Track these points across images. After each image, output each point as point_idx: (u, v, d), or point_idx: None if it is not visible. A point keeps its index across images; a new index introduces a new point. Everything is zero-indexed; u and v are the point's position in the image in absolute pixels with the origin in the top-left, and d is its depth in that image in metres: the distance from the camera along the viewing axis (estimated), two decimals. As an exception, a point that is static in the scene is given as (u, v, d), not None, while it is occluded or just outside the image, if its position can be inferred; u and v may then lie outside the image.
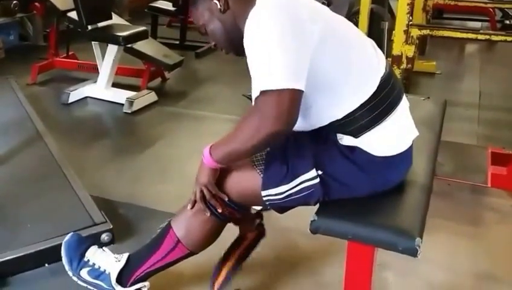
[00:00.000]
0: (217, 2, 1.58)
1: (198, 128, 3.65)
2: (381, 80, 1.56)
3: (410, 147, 1.67)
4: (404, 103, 1.67)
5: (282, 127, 1.41)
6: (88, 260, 1.83)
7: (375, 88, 1.55)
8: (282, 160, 1.60)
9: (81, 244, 1.87)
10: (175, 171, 2.97)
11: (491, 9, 6.25)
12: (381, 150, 1.58)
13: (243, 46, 1.53)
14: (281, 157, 1.60)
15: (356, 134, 1.56)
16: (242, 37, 1.52)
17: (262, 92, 1.40)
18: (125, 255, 1.82)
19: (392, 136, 1.60)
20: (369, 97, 1.54)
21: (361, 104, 1.53)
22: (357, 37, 1.65)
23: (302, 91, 1.41)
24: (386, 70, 1.60)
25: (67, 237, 1.88)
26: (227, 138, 1.57)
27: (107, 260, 1.82)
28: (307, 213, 1.60)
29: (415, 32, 3.78)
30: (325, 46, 1.47)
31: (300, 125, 1.51)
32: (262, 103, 1.41)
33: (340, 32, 1.57)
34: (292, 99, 1.40)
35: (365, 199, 1.62)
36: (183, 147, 3.34)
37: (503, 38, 3.94)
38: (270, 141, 1.47)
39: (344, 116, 1.54)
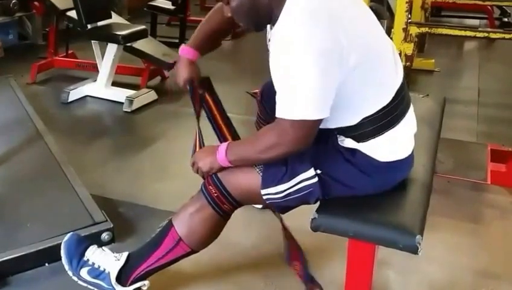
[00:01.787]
0: None
1: (198, 127, 3.64)
2: (396, 92, 1.58)
3: (412, 153, 1.68)
4: (411, 113, 1.67)
5: (298, 149, 1.51)
6: (88, 260, 1.82)
7: (389, 100, 1.56)
8: (281, 159, 1.60)
9: (81, 244, 1.87)
10: (175, 169, 2.97)
11: (489, 7, 6.24)
12: (382, 155, 1.59)
13: (265, 24, 1.60)
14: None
15: (359, 139, 1.57)
16: (271, 18, 1.54)
17: (289, 119, 1.45)
18: (125, 254, 1.82)
19: (395, 144, 1.62)
20: (382, 107, 1.55)
21: (370, 115, 1.55)
22: (384, 49, 1.61)
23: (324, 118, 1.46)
24: (401, 81, 1.61)
25: (67, 236, 1.88)
26: (245, 144, 1.65)
27: (107, 259, 1.82)
28: (308, 211, 1.60)
29: (414, 30, 3.78)
30: (356, 73, 1.47)
31: None
32: (285, 126, 1.47)
33: (372, 53, 1.53)
34: (313, 127, 1.48)
35: (365, 196, 1.63)
36: (183, 146, 3.30)
37: (501, 35, 3.94)
38: (283, 157, 1.56)
39: (350, 125, 1.56)
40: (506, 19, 6.44)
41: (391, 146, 1.60)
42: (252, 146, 1.60)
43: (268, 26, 1.65)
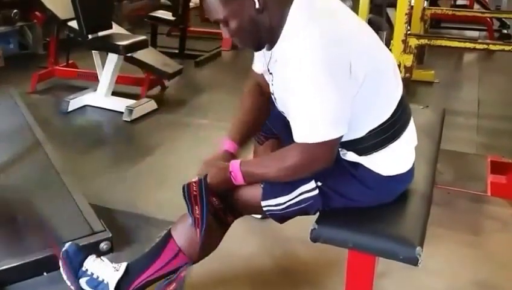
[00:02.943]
0: (256, 1, 1.47)
1: (197, 137, 3.64)
2: (396, 105, 1.58)
3: (413, 166, 1.68)
4: (411, 126, 1.68)
5: (325, 166, 1.50)
6: (86, 270, 1.81)
7: (392, 112, 1.56)
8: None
9: (80, 254, 1.86)
10: (174, 179, 2.94)
11: (488, 19, 6.27)
12: (384, 169, 1.60)
13: (265, 44, 1.58)
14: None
15: (361, 153, 1.57)
16: (271, 37, 1.53)
17: (311, 142, 1.45)
18: (124, 265, 1.81)
19: (397, 157, 1.63)
20: (384, 120, 1.56)
21: (375, 127, 1.55)
22: (386, 62, 1.61)
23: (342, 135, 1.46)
24: (401, 95, 1.62)
25: (65, 246, 1.86)
26: (263, 163, 1.62)
27: (106, 270, 1.80)
28: (307, 221, 1.60)
29: (413, 42, 3.79)
30: (363, 87, 1.48)
31: None
32: (309, 148, 1.46)
33: (376, 67, 1.53)
34: (333, 146, 1.48)
35: (365, 207, 1.63)
36: (183, 155, 3.34)
37: (501, 47, 3.95)
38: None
39: (356, 138, 1.56)
40: (505, 31, 6.47)
41: (393, 159, 1.61)
42: (268, 166, 1.59)
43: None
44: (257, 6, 1.47)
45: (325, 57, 1.40)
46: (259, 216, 2.30)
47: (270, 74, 1.62)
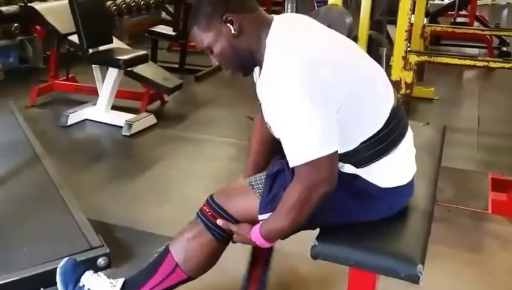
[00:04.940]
0: (231, 27, 1.52)
1: (197, 151, 3.64)
2: (388, 116, 1.57)
3: (412, 179, 1.67)
4: (409, 138, 1.67)
5: (329, 188, 1.46)
6: (83, 286, 1.79)
7: (382, 124, 1.55)
8: (279, 184, 1.59)
9: (77, 269, 1.84)
10: (173, 194, 2.95)
11: (488, 37, 6.30)
12: (382, 180, 1.58)
13: (251, 69, 1.62)
14: (279, 182, 1.60)
15: (358, 165, 1.56)
16: (253, 61, 1.57)
17: (302, 164, 1.43)
18: (121, 281, 1.79)
19: (395, 169, 1.61)
20: (376, 132, 1.54)
21: (367, 139, 1.54)
22: (371, 75, 1.61)
23: (337, 150, 1.45)
24: (394, 103, 1.61)
25: (63, 262, 1.85)
26: (274, 218, 1.55)
27: (103, 286, 1.78)
28: (308, 238, 1.58)
29: (413, 59, 3.81)
30: (346, 103, 1.47)
31: None
32: (305, 173, 1.44)
33: (359, 82, 1.53)
34: (331, 162, 1.45)
35: (366, 224, 1.61)
36: (182, 170, 3.33)
37: (501, 65, 3.97)
38: (320, 202, 1.48)
39: (349, 150, 1.55)
40: (505, 48, 6.49)
41: (391, 171, 1.60)
42: (288, 215, 1.50)
43: (257, 71, 1.65)
44: (233, 32, 1.52)
45: (301, 81, 1.40)
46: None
47: (260, 102, 1.63)
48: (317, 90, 1.41)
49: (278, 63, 1.45)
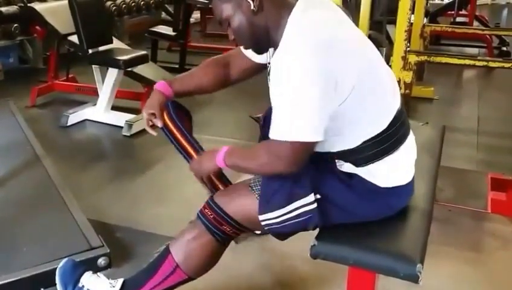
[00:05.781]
0: (251, 2, 1.51)
1: (197, 152, 3.63)
2: (393, 117, 1.57)
3: (412, 179, 1.67)
4: (410, 140, 1.67)
5: (290, 170, 1.51)
6: (83, 286, 1.79)
7: (387, 124, 1.56)
8: (279, 184, 1.59)
9: (76, 270, 1.84)
10: (174, 194, 2.95)
11: (488, 36, 6.30)
12: (382, 180, 1.58)
13: (266, 49, 1.63)
14: (279, 181, 1.60)
15: (358, 164, 1.56)
16: (269, 40, 1.57)
17: (283, 141, 1.46)
18: (120, 281, 1.79)
19: (395, 169, 1.61)
20: (379, 132, 1.55)
21: (370, 138, 1.54)
22: (381, 72, 1.61)
23: (318, 141, 1.47)
24: (399, 106, 1.61)
25: (62, 262, 1.85)
26: (242, 155, 1.67)
27: (102, 286, 1.79)
28: (307, 238, 1.58)
29: (413, 59, 3.80)
30: (353, 98, 1.47)
31: None
32: (279, 147, 1.48)
33: (369, 76, 1.53)
34: (306, 149, 1.48)
35: (365, 224, 1.61)
36: (182, 170, 3.28)
37: (500, 64, 3.97)
38: (275, 175, 1.58)
39: (351, 148, 1.55)
40: (505, 48, 6.49)
41: (391, 171, 1.60)
42: (247, 160, 1.64)
43: (270, 52, 1.65)
44: (252, 7, 1.52)
45: (312, 65, 1.40)
46: (258, 232, 2.29)
47: (268, 78, 1.64)
48: (325, 81, 1.41)
49: (293, 46, 1.45)
